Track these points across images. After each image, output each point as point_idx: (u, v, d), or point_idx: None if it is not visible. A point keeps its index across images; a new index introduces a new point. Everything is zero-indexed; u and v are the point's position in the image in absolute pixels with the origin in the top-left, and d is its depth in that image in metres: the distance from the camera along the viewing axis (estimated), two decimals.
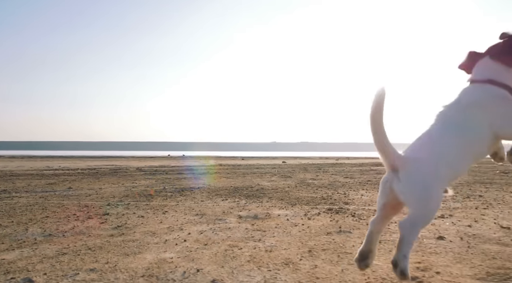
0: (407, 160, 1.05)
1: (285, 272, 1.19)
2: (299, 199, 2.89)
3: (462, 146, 1.08)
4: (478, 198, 2.93)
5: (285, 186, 3.92)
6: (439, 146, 1.07)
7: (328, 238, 1.65)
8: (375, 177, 5.13)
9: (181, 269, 1.21)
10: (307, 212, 2.31)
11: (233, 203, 2.69)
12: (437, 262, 1.27)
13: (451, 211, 2.36)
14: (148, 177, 4.93)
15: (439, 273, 1.15)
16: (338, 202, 2.76)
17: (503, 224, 1.92)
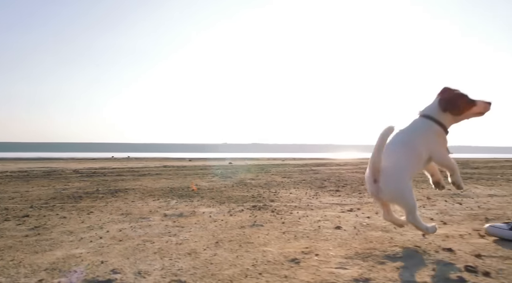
0: (381, 174, 1.41)
1: (184, 260, 1.31)
2: (230, 198, 3.03)
3: (410, 159, 1.48)
4: None
5: (222, 186, 4.05)
6: (399, 159, 1.45)
7: (240, 231, 1.80)
8: (312, 176, 5.43)
9: (86, 262, 1.28)
10: (232, 210, 2.46)
11: (163, 203, 2.76)
12: (322, 247, 1.47)
13: (361, 205, 2.63)
14: (83, 179, 4.80)
15: (318, 255, 1.34)
16: (265, 199, 2.94)
17: None
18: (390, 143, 1.46)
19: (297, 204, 2.72)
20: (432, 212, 2.30)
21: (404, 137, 1.53)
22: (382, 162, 1.41)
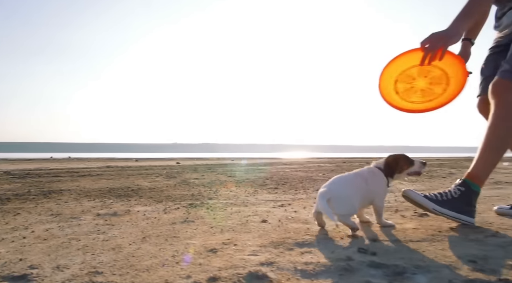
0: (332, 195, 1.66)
1: (107, 255, 1.36)
2: (168, 197, 3.07)
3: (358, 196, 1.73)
4: None
5: (164, 185, 4.05)
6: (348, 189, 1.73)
7: (170, 227, 1.87)
8: (256, 175, 5.59)
9: (3, 261, 1.28)
10: (168, 208, 2.51)
11: (99, 203, 2.73)
12: (243, 238, 1.59)
13: (293, 201, 2.81)
14: (15, 180, 4.54)
15: (236, 245, 1.46)
16: (203, 198, 3.02)
17: None
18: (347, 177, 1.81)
19: (233, 201, 2.84)
20: None
21: (358, 179, 1.80)
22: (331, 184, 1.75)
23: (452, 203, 1.84)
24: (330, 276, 1.09)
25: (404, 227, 1.80)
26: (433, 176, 5.50)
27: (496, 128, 1.87)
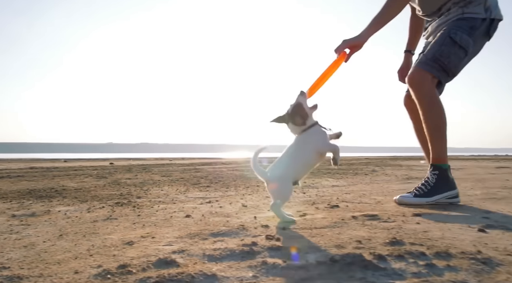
0: (271, 176, 1.89)
1: (17, 252, 1.35)
2: (95, 197, 3.00)
3: (303, 166, 1.94)
4: (256, 188, 3.69)
5: (92, 186, 3.93)
6: (289, 164, 1.91)
7: (90, 225, 1.87)
8: (191, 175, 5.62)
9: None
10: (92, 207, 2.47)
11: (16, 204, 2.60)
12: (162, 232, 1.66)
13: (221, 198, 2.92)
14: None
15: (154, 238, 1.53)
16: (132, 197, 3.01)
17: (243, 203, 2.55)
18: (285, 152, 1.97)
19: (162, 199, 2.87)
20: None
21: (296, 146, 1.96)
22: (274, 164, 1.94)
23: (436, 188, 2.27)
24: (233, 259, 1.21)
25: (314, 217, 2.00)
26: (358, 173, 5.99)
27: (429, 119, 2.28)
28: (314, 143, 1.92)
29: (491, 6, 2.25)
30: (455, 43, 2.20)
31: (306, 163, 1.96)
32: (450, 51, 2.21)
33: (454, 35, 2.21)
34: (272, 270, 1.10)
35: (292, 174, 1.91)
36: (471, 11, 2.24)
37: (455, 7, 2.28)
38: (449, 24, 2.28)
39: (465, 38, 2.20)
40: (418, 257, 1.19)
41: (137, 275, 1.05)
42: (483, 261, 1.15)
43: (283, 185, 1.88)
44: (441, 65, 2.23)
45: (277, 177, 1.89)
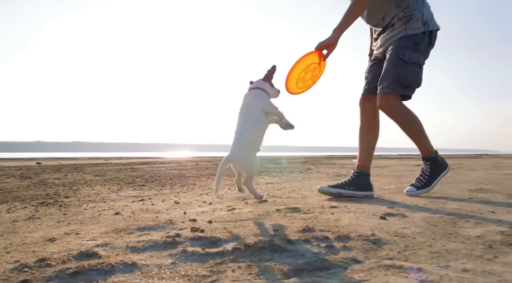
0: (233, 155, 2.15)
1: None
2: (17, 197, 2.84)
3: (255, 129, 2.20)
4: (192, 186, 3.73)
5: (15, 186, 3.69)
6: (245, 135, 2.17)
7: (9, 225, 1.80)
8: (127, 174, 5.47)
9: None
10: (12, 208, 2.35)
11: None
12: (88, 228, 1.66)
13: (155, 196, 2.94)
14: None
15: (78, 234, 1.53)
16: (59, 196, 2.90)
17: (176, 200, 2.60)
18: (237, 122, 2.21)
19: (92, 198, 2.81)
20: (210, 197, 2.79)
21: (244, 113, 2.25)
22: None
23: (432, 175, 2.69)
24: (155, 249, 1.29)
25: (241, 211, 2.12)
26: (293, 171, 6.29)
27: (408, 130, 2.68)
28: (260, 104, 2.21)
29: (428, 19, 2.56)
30: (406, 62, 2.52)
31: (259, 128, 2.22)
32: (405, 71, 2.53)
33: (403, 56, 2.52)
34: (191, 257, 1.19)
35: (252, 146, 2.19)
36: (412, 27, 2.54)
37: (399, 23, 2.58)
38: (395, 42, 2.59)
39: (413, 55, 2.52)
40: (322, 240, 1.36)
41: (56, 267, 1.07)
42: (374, 241, 1.36)
43: (248, 159, 2.17)
44: (402, 84, 2.54)
45: (240, 154, 2.18)
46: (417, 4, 2.57)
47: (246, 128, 2.16)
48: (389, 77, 2.56)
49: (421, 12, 2.55)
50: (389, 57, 2.60)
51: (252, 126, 2.17)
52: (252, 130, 2.17)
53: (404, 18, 2.57)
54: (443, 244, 1.32)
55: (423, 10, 2.56)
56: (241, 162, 2.13)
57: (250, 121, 2.16)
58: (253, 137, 2.16)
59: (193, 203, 2.50)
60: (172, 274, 1.04)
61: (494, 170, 6.20)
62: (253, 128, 2.17)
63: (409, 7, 2.56)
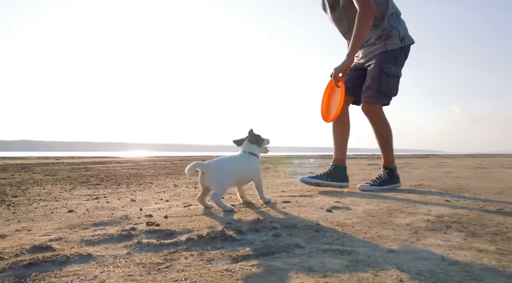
0: (211, 168, 2.03)
1: None
2: None
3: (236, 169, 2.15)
4: (149, 184, 3.72)
5: None
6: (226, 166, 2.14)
7: None
8: (80, 173, 5.31)
9: None
10: None
11: None
12: (41, 225, 1.65)
13: (110, 194, 2.91)
14: None
15: (30, 231, 1.53)
16: (6, 196, 2.80)
17: (132, 198, 2.61)
18: (228, 157, 2.23)
19: (43, 197, 2.74)
20: (167, 195, 2.83)
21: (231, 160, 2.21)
22: (215, 161, 2.12)
23: (386, 181, 3.04)
24: (110, 242, 1.33)
25: (198, 207, 2.19)
26: None
27: (381, 136, 3.03)
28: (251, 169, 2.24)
29: (404, 36, 2.92)
30: (388, 75, 2.88)
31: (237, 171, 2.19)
32: (387, 82, 2.88)
33: (386, 69, 2.87)
34: (146, 248, 1.25)
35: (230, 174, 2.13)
36: (391, 42, 2.89)
37: (379, 40, 2.92)
38: (377, 57, 2.92)
39: (394, 69, 2.89)
40: (270, 230, 1.48)
41: (8, 260, 1.09)
42: (316, 229, 1.50)
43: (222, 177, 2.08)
44: (385, 94, 2.91)
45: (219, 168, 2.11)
46: (394, 22, 2.90)
47: (233, 164, 2.20)
48: (374, 88, 2.90)
49: (398, 30, 2.89)
50: (373, 69, 2.92)
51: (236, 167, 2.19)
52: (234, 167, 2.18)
53: (383, 36, 2.90)
54: (376, 231, 1.48)
55: (399, 28, 2.90)
56: (214, 175, 2.06)
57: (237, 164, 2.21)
58: (232, 171, 2.15)
59: (149, 200, 2.53)
60: (127, 262, 1.10)
61: (437, 169, 6.73)
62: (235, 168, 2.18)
63: (387, 26, 2.89)
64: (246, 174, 2.21)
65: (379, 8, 2.83)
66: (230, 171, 2.11)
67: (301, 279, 0.94)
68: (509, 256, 1.13)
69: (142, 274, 0.99)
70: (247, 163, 2.22)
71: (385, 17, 2.88)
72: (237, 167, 2.16)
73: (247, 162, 2.23)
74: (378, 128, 3.02)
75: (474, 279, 0.93)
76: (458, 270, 1.00)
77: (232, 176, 2.11)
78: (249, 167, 2.22)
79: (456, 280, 0.92)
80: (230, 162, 2.19)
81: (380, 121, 3.00)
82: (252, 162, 2.25)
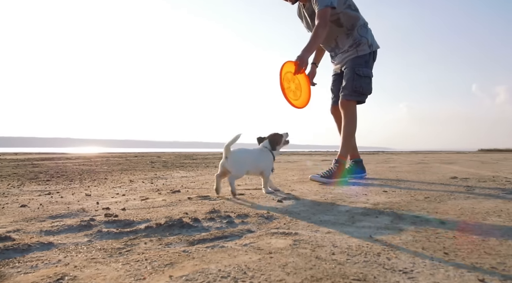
0: (233, 155, 2.39)
1: None
2: None
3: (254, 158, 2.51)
4: (103, 180, 3.68)
5: None
6: (249, 155, 2.50)
7: None
8: (28, 170, 5.08)
9: None
10: None
11: None
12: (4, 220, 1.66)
13: (63, 190, 2.88)
14: None
15: None
16: None
17: (87, 193, 2.62)
18: (251, 150, 2.54)
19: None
20: (123, 190, 2.85)
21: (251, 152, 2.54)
22: (238, 150, 2.45)
23: (335, 174, 3.33)
24: (71, 231, 1.39)
25: (155, 200, 2.27)
26: (209, 165, 6.49)
27: (346, 130, 3.42)
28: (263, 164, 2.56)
29: (372, 43, 3.45)
30: (360, 76, 3.38)
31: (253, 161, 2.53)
32: (360, 82, 3.38)
33: (359, 72, 3.38)
34: (106, 235, 1.33)
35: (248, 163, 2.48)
36: (361, 49, 3.43)
37: (351, 47, 3.46)
38: (351, 61, 3.44)
39: (365, 71, 3.40)
40: (224, 218, 1.61)
41: None
42: (267, 217, 1.65)
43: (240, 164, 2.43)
44: (359, 92, 3.38)
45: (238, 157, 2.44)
46: (363, 32, 3.44)
47: (253, 154, 2.54)
48: (349, 87, 3.40)
49: (367, 38, 3.43)
50: (348, 72, 3.44)
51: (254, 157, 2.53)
52: (253, 158, 2.52)
53: (355, 44, 3.44)
54: (319, 217, 1.67)
55: (368, 36, 3.44)
56: (233, 162, 2.40)
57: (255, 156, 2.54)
58: (250, 160, 2.50)
59: (105, 195, 2.55)
60: (89, 249, 1.17)
61: (383, 164, 7.24)
62: (253, 158, 2.52)
63: (357, 36, 3.42)
64: (259, 167, 2.53)
65: (351, 20, 3.40)
66: (247, 162, 2.46)
67: (250, 255, 1.08)
68: (422, 233, 1.35)
69: (105, 257, 1.08)
70: (262, 158, 2.55)
71: (355, 28, 3.41)
72: (253, 159, 2.50)
73: (262, 157, 2.56)
74: (348, 122, 3.42)
75: (391, 250, 1.12)
76: (380, 245, 1.19)
77: (247, 166, 2.46)
78: (262, 161, 2.54)
79: (376, 252, 1.11)
80: (249, 154, 2.51)
81: (351, 116, 3.42)
82: (266, 158, 2.57)
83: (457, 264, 1.00)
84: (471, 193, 2.54)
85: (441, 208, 1.90)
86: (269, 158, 2.59)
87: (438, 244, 1.19)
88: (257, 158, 2.53)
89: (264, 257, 1.06)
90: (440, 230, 1.39)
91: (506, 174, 4.37)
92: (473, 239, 1.26)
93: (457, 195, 2.41)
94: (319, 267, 0.97)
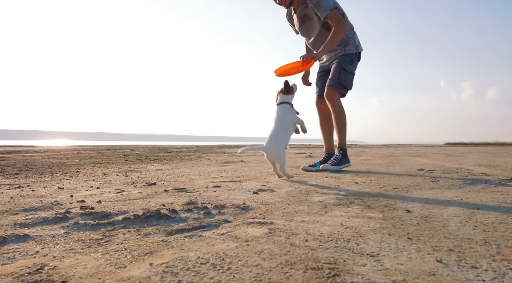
0: (268, 146, 2.84)
1: None
2: None
3: (286, 132, 2.95)
4: (76, 173, 3.60)
5: None
6: (278, 136, 2.91)
7: None
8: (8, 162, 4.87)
9: None
10: None
11: None
12: None
13: (34, 184, 2.81)
14: None
15: None
16: None
17: (60, 186, 2.57)
18: (273, 126, 2.96)
19: None
20: (98, 183, 2.82)
21: (278, 120, 2.98)
22: (268, 139, 2.89)
23: (341, 160, 3.74)
24: (46, 224, 1.38)
25: (130, 192, 2.26)
26: (184, 159, 6.45)
27: (338, 120, 3.72)
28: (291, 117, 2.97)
29: (358, 44, 3.80)
30: (346, 72, 3.72)
31: (288, 133, 2.96)
32: (345, 77, 3.72)
33: (345, 67, 3.72)
34: (83, 227, 1.33)
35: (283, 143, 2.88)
36: (349, 48, 3.76)
37: (340, 47, 3.76)
38: (339, 58, 3.76)
39: (350, 68, 3.75)
40: (201, 209, 1.64)
41: None
42: (243, 208, 1.70)
43: (278, 152, 2.83)
44: (343, 86, 3.72)
45: (274, 148, 2.84)
46: (349, 33, 3.75)
47: (280, 132, 2.91)
48: (335, 80, 3.72)
49: (354, 40, 3.77)
50: (335, 67, 3.75)
51: (284, 132, 2.94)
52: (283, 134, 2.93)
53: (343, 43, 3.75)
54: (293, 207, 1.73)
55: (355, 38, 3.78)
56: (273, 153, 2.83)
57: (283, 128, 2.94)
58: (283, 139, 2.91)
59: (79, 188, 2.51)
60: (67, 240, 1.18)
61: (355, 157, 7.45)
62: (284, 133, 2.94)
63: (345, 37, 3.70)
64: (286, 135, 2.97)
65: None
66: (280, 143, 2.89)
67: (227, 243, 1.12)
68: (389, 220, 1.44)
69: (84, 247, 1.09)
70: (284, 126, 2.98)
71: None
72: (282, 136, 2.92)
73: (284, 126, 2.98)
74: (337, 113, 3.72)
75: (360, 237, 1.20)
76: (351, 231, 1.27)
77: (284, 144, 2.93)
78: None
79: (347, 238, 1.18)
80: (275, 137, 2.91)
81: (338, 106, 3.72)
82: (287, 117, 3.00)
83: (419, 247, 1.09)
84: (436, 183, 2.69)
85: (407, 198, 2.02)
86: (292, 113, 3.00)
87: (403, 230, 1.28)
88: (282, 131, 2.92)
89: (241, 245, 1.11)
90: (405, 218, 1.49)
91: (469, 166, 4.63)
92: (434, 225, 1.36)
93: (423, 186, 2.55)
94: (293, 252, 1.03)
